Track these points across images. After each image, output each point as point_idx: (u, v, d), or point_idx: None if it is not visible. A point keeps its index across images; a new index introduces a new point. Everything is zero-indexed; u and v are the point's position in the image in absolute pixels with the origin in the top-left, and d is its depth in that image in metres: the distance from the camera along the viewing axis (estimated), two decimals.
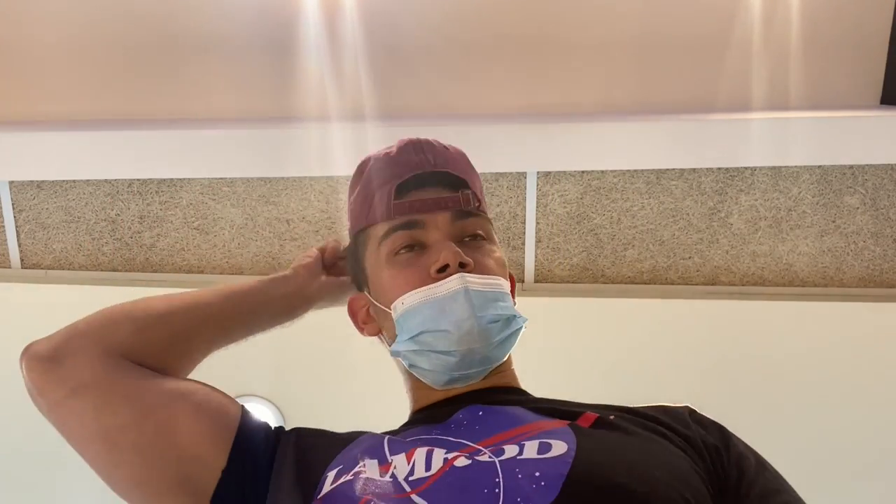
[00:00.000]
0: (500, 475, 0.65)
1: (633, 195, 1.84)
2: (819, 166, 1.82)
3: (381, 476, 0.69)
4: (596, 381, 0.85)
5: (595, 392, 0.85)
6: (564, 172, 1.83)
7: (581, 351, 1.81)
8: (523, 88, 1.89)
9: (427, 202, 0.84)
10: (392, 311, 0.82)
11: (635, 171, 1.83)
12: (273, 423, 0.85)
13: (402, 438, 0.76)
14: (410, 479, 0.68)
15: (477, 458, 0.68)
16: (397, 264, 0.83)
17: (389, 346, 0.86)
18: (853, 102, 1.85)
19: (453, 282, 0.79)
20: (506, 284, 0.84)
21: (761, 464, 0.74)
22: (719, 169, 1.82)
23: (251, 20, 1.86)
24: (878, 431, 1.87)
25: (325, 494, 0.70)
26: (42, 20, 1.89)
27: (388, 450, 0.73)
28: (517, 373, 0.90)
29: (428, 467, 0.68)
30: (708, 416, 0.80)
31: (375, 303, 0.87)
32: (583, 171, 1.83)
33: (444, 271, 0.80)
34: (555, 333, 1.78)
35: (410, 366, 0.84)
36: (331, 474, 0.73)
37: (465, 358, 0.79)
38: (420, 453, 0.71)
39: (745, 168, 1.82)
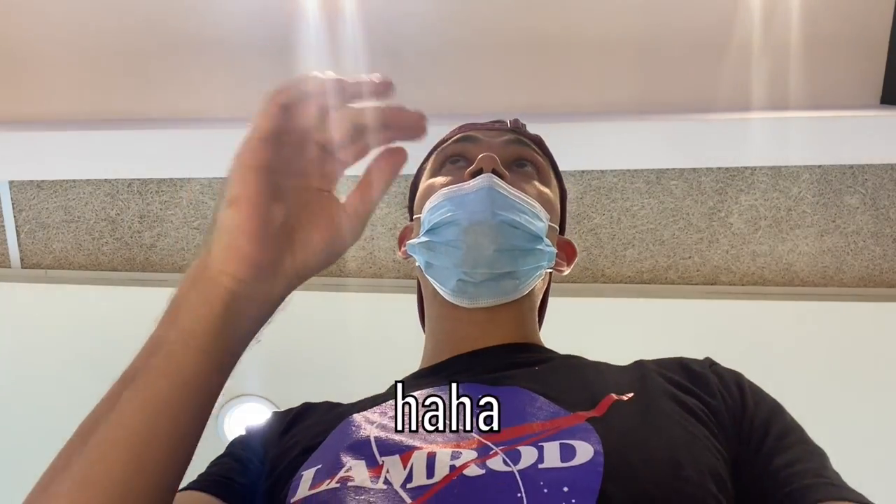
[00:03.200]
0: (522, 489, 0.56)
1: (633, 195, 1.84)
2: (819, 166, 1.81)
3: (372, 483, 0.59)
4: None
5: None
6: (564, 172, 1.83)
7: (580, 351, 1.81)
8: (523, 88, 1.89)
9: (484, 124, 0.87)
10: (422, 214, 0.80)
11: (635, 171, 1.82)
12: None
13: (391, 427, 0.66)
14: (409, 486, 0.58)
15: (490, 464, 0.59)
16: (439, 174, 0.83)
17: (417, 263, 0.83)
18: (853, 102, 1.84)
19: (480, 180, 0.76)
20: (541, 212, 0.80)
21: (782, 431, 0.67)
22: (719, 169, 1.82)
23: (251, 20, 1.85)
24: (879, 431, 1.87)
25: (302, 499, 0.61)
26: (42, 20, 1.89)
27: (378, 449, 0.63)
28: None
29: (430, 474, 0.59)
30: (727, 368, 0.74)
31: (414, 216, 0.85)
32: (583, 171, 1.83)
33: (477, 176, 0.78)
34: (554, 333, 1.78)
35: (426, 265, 0.79)
36: (307, 474, 0.63)
37: (471, 251, 0.74)
38: (419, 457, 0.60)
39: (745, 168, 1.82)
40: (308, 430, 0.71)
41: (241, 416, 2.02)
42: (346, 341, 1.88)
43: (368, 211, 0.56)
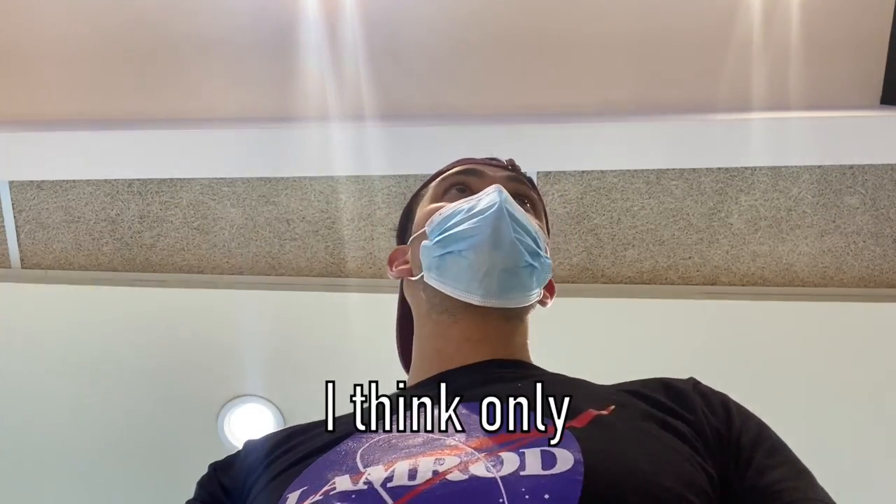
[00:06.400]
0: (504, 495, 0.57)
1: (633, 195, 1.84)
2: (819, 166, 1.81)
3: (353, 486, 0.61)
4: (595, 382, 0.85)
5: None
6: (564, 172, 1.83)
7: (580, 351, 1.81)
8: (523, 88, 1.89)
9: (482, 159, 0.91)
10: (427, 227, 0.83)
11: (635, 171, 1.82)
12: (273, 426, 0.81)
13: (376, 439, 0.69)
14: (389, 485, 0.60)
15: (472, 470, 0.60)
16: (443, 199, 0.86)
17: (415, 277, 0.84)
18: (853, 102, 1.84)
19: (493, 191, 0.81)
20: (542, 234, 0.85)
21: (770, 450, 0.69)
22: (719, 169, 1.82)
23: (251, 20, 1.86)
24: (878, 431, 1.87)
25: None
26: (42, 20, 1.89)
27: (361, 462, 0.65)
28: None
29: (412, 477, 0.60)
30: (711, 388, 0.76)
31: (413, 235, 0.86)
32: (583, 171, 1.83)
33: None
34: (554, 334, 1.78)
35: (436, 269, 0.80)
36: (292, 496, 0.64)
37: (492, 236, 0.77)
38: (402, 465, 0.62)
39: (745, 168, 1.82)
40: (293, 453, 0.72)
41: (240, 416, 2.02)
42: (347, 341, 1.88)
43: None
